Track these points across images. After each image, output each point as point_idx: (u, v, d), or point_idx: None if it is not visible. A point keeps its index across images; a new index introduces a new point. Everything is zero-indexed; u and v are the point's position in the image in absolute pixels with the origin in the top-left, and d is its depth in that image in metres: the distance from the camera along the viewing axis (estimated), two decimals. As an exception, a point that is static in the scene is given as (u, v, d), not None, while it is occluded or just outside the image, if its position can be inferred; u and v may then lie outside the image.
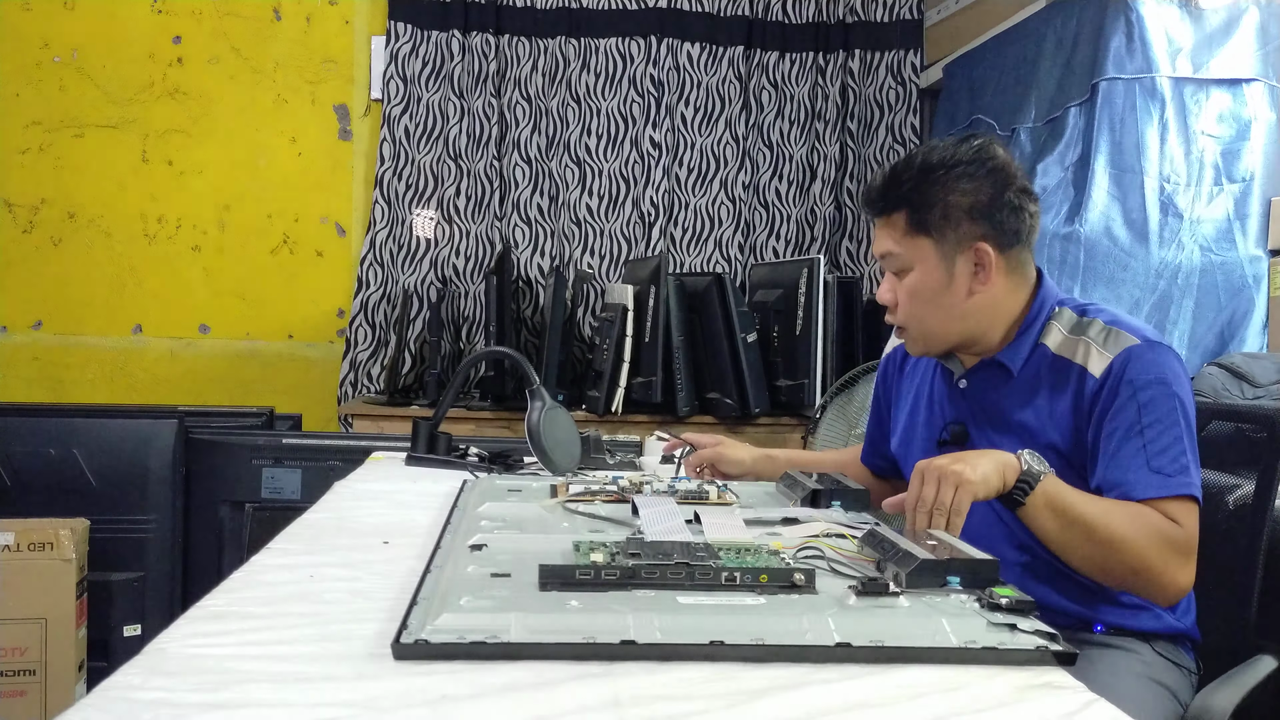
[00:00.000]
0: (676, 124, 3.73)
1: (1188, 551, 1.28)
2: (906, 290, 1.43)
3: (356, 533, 1.34)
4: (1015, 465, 1.25)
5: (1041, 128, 2.82)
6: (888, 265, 1.46)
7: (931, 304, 1.43)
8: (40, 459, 2.58)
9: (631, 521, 1.30)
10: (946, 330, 1.45)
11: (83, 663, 2.45)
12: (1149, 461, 1.29)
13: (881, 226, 1.45)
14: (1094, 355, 1.38)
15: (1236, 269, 2.57)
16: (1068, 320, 1.44)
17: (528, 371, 1.80)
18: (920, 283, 1.42)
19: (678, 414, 3.11)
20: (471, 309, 3.66)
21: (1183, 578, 1.27)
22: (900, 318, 1.46)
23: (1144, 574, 1.27)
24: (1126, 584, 1.31)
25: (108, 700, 0.75)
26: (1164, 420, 1.31)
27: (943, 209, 1.40)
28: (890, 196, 1.42)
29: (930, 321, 1.44)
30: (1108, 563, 1.27)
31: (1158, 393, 1.32)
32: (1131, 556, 1.26)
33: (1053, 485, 1.26)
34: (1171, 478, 1.29)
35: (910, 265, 1.42)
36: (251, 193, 3.69)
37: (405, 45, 3.63)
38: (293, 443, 2.68)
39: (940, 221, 1.40)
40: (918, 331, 1.46)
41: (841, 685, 0.82)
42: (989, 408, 1.46)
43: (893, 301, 1.46)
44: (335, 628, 0.92)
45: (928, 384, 1.58)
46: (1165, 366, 1.34)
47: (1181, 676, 1.40)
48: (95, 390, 3.63)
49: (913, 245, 1.41)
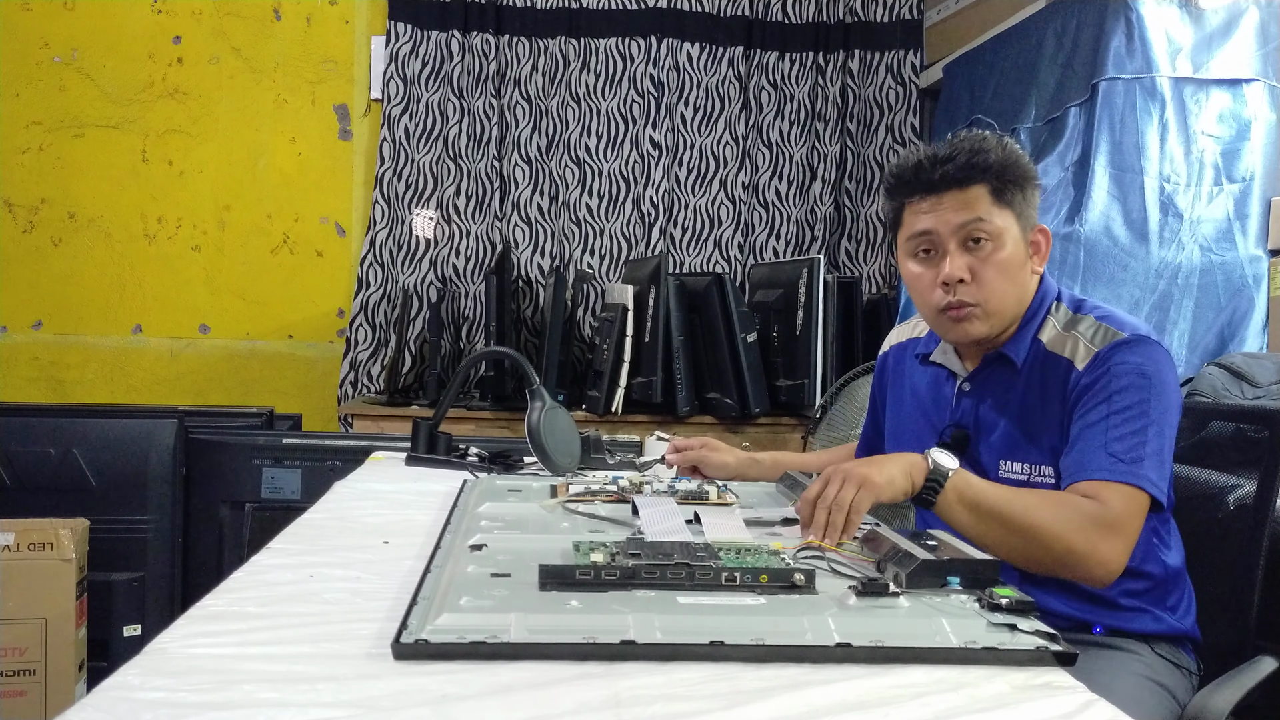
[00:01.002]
0: (676, 124, 3.73)
1: (1115, 529, 1.24)
2: (994, 262, 1.40)
3: (356, 533, 1.34)
4: (923, 465, 1.26)
5: (1041, 128, 2.82)
6: (972, 231, 1.40)
7: (1012, 279, 1.42)
8: (40, 459, 2.58)
9: (631, 521, 1.30)
10: (1015, 308, 1.44)
11: (83, 663, 2.45)
12: (1106, 445, 1.29)
13: (953, 199, 1.40)
14: (1081, 349, 1.38)
15: (1236, 269, 2.57)
16: (1063, 315, 1.44)
17: (528, 371, 1.80)
18: (1009, 254, 1.40)
19: (678, 414, 3.11)
20: (471, 309, 3.66)
21: (1112, 557, 1.24)
22: (978, 292, 1.40)
23: (1069, 557, 1.24)
24: (1055, 570, 1.28)
25: (108, 700, 0.75)
26: (1133, 409, 1.30)
27: (1018, 185, 1.41)
28: (976, 166, 1.39)
29: (1009, 297, 1.42)
30: (1030, 550, 1.25)
31: (1132, 383, 1.32)
32: (1052, 540, 1.24)
33: (962, 480, 1.26)
34: (1122, 463, 1.27)
35: (999, 234, 1.40)
36: (251, 193, 3.69)
37: (405, 45, 3.63)
38: (293, 443, 2.68)
39: (1017, 196, 1.41)
40: (995, 306, 1.41)
41: (841, 685, 0.82)
42: (989, 411, 1.46)
43: (969, 275, 1.40)
44: (335, 628, 0.93)
45: (924, 386, 1.57)
46: (1148, 360, 1.34)
47: (1182, 677, 1.39)
48: (95, 390, 3.64)
49: (1000, 216, 1.40)
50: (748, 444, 2.99)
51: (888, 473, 1.22)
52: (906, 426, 1.59)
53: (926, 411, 1.55)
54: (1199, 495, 1.53)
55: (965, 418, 1.48)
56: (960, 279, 1.40)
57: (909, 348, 1.65)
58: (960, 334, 1.45)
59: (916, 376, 1.59)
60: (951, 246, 1.41)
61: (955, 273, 1.40)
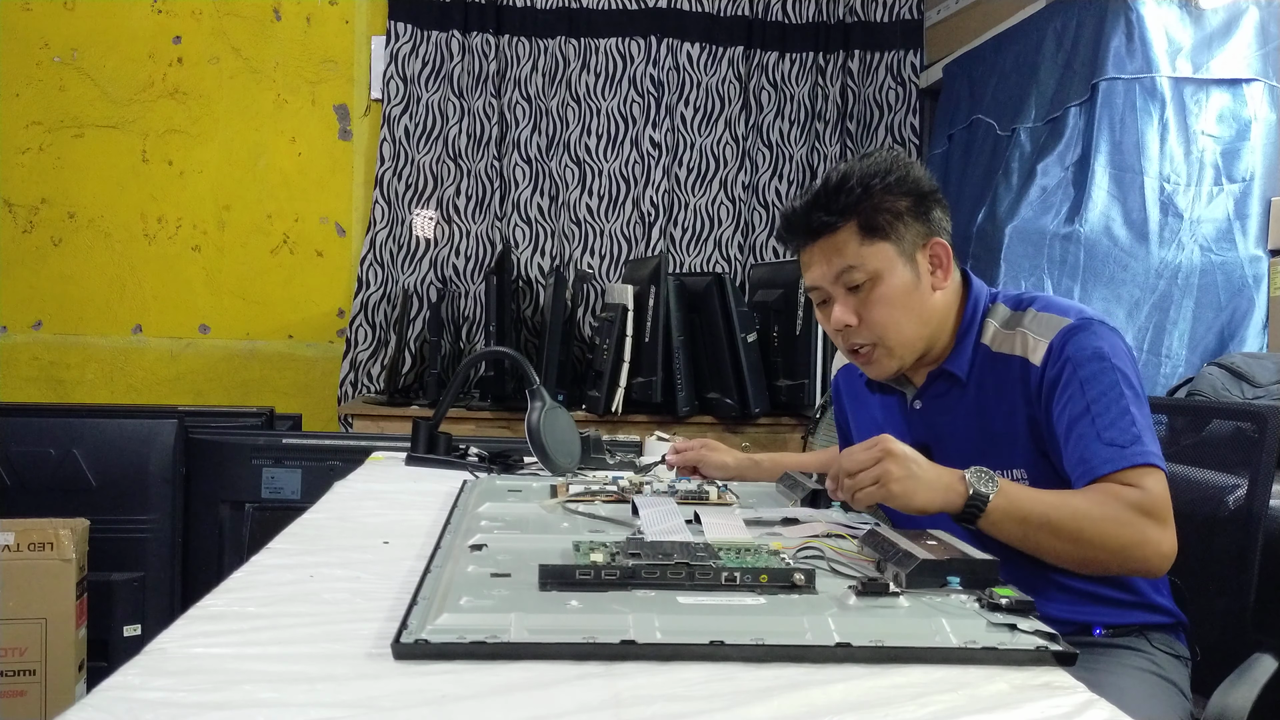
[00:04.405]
0: (676, 124, 3.73)
1: (1159, 514, 1.24)
2: (877, 300, 1.39)
3: (356, 533, 1.34)
4: (962, 490, 1.24)
5: (1041, 128, 2.82)
6: (847, 280, 1.40)
7: (904, 308, 1.40)
8: (40, 459, 2.58)
9: (631, 521, 1.30)
10: (919, 335, 1.42)
11: (83, 663, 2.45)
12: (1100, 435, 1.28)
13: (824, 247, 1.40)
14: (1030, 343, 1.37)
15: (1236, 269, 2.57)
16: (1002, 315, 1.43)
17: (528, 371, 1.80)
18: (892, 287, 1.39)
19: (678, 414, 3.11)
20: (471, 309, 3.66)
21: (1165, 540, 1.24)
22: (870, 333, 1.41)
23: (1124, 551, 1.24)
24: (1112, 567, 1.27)
25: (108, 700, 0.75)
26: (1108, 394, 1.30)
27: (891, 212, 1.39)
28: (835, 209, 1.38)
29: (906, 328, 1.41)
30: (1085, 552, 1.25)
31: (1096, 368, 1.31)
32: (1107, 537, 1.23)
33: (1003, 498, 1.24)
34: (1126, 448, 1.26)
35: (875, 273, 1.39)
36: (251, 193, 3.69)
37: (405, 45, 3.63)
38: (293, 443, 2.68)
39: (893, 223, 1.39)
40: (894, 341, 1.41)
41: (841, 685, 0.82)
42: (947, 425, 1.44)
43: (856, 319, 1.41)
44: (335, 628, 0.92)
45: (878, 409, 1.56)
46: (1101, 340, 1.33)
47: (1181, 666, 1.40)
48: (95, 390, 3.64)
49: (873, 253, 1.39)
50: (748, 444, 2.99)
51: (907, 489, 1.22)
52: None
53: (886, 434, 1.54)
54: (1199, 495, 1.53)
55: (924, 435, 1.46)
56: (847, 324, 1.41)
57: (854, 369, 1.63)
58: (875, 373, 1.47)
59: (870, 399, 1.59)
60: (835, 293, 1.42)
61: (841, 319, 1.41)
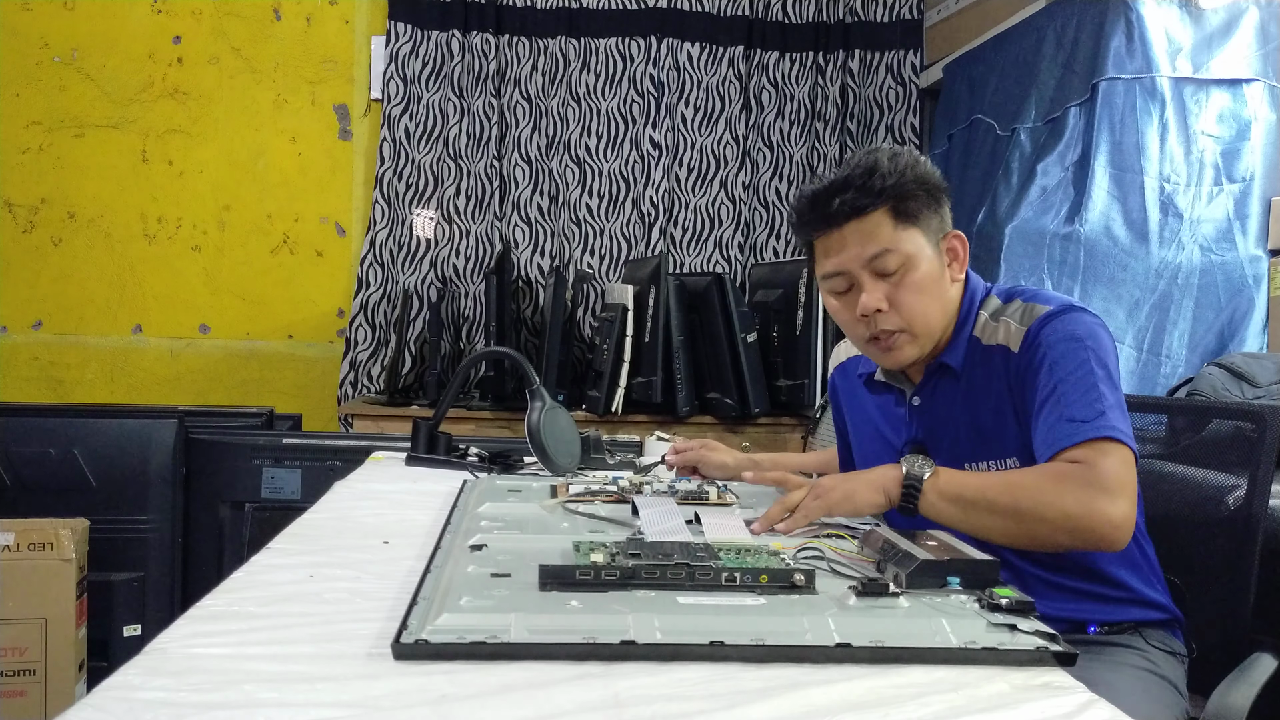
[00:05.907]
0: (676, 124, 3.73)
1: (1107, 485, 1.20)
2: (909, 286, 1.38)
3: (356, 533, 1.34)
4: (897, 475, 1.26)
5: (1041, 128, 2.82)
6: (879, 265, 1.38)
7: (933, 295, 1.40)
8: (40, 459, 2.58)
9: (631, 522, 1.30)
10: (940, 324, 1.42)
11: (83, 663, 2.45)
12: (1063, 414, 1.27)
13: (856, 231, 1.38)
14: (1012, 331, 1.38)
15: (1236, 269, 2.57)
16: (992, 306, 1.44)
17: (528, 371, 1.80)
18: (924, 274, 1.39)
19: (678, 414, 3.11)
20: (471, 309, 3.66)
21: (1115, 512, 1.19)
22: (899, 319, 1.39)
23: (1069, 522, 1.20)
24: (1065, 541, 1.24)
25: (108, 700, 0.75)
26: (1075, 372, 1.29)
27: (919, 200, 1.39)
28: (870, 191, 1.37)
29: (933, 315, 1.40)
30: (1031, 529, 1.23)
31: (1066, 349, 1.31)
32: (1046, 510, 1.21)
33: (938, 478, 1.26)
34: (1086, 423, 1.25)
35: (909, 258, 1.38)
36: (251, 193, 3.69)
37: (405, 45, 3.63)
38: (293, 443, 2.68)
39: (921, 210, 1.39)
40: (921, 328, 1.40)
41: (841, 685, 0.82)
42: (943, 419, 1.45)
43: (888, 303, 1.39)
44: (335, 628, 0.92)
45: (875, 408, 1.56)
46: (1076, 324, 1.33)
47: (1177, 663, 1.40)
48: (95, 390, 3.64)
49: (907, 238, 1.38)
50: (748, 444, 2.99)
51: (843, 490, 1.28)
52: (868, 449, 1.58)
53: (883, 433, 1.54)
54: (1199, 495, 1.53)
55: (921, 433, 1.47)
56: (878, 309, 1.39)
57: (849, 368, 1.64)
58: (892, 362, 1.44)
59: (866, 398, 1.58)
60: (864, 279, 1.39)
61: (872, 304, 1.38)
